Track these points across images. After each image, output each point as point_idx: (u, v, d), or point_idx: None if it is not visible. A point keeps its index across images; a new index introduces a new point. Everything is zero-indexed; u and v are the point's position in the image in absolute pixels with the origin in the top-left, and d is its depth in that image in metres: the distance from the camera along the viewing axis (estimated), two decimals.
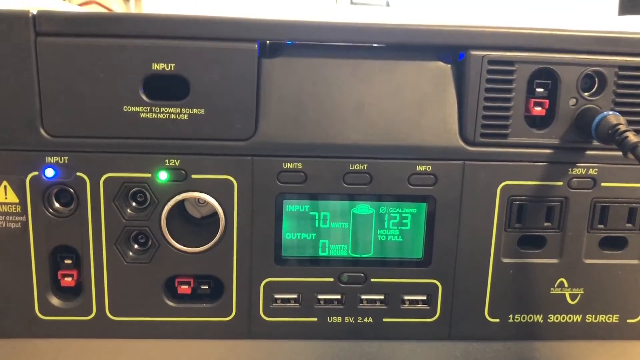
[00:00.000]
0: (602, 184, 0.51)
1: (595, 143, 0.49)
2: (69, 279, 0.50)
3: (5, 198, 0.48)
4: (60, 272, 0.50)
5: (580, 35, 0.48)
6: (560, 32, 0.48)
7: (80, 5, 0.83)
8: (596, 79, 0.49)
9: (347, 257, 0.51)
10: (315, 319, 0.52)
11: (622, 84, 0.48)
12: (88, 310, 0.50)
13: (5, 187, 0.47)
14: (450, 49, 0.49)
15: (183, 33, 0.46)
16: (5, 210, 0.48)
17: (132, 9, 0.92)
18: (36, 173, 0.47)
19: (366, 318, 0.52)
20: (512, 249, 0.52)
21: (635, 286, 0.53)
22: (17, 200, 0.48)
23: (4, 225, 0.48)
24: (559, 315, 0.53)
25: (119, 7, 0.90)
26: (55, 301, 0.50)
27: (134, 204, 0.49)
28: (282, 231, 0.50)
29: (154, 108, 0.47)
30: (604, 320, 0.54)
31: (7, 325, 0.50)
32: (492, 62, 0.48)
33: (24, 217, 0.48)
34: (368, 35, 0.48)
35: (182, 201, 0.49)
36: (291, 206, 0.50)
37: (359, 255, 0.51)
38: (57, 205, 0.49)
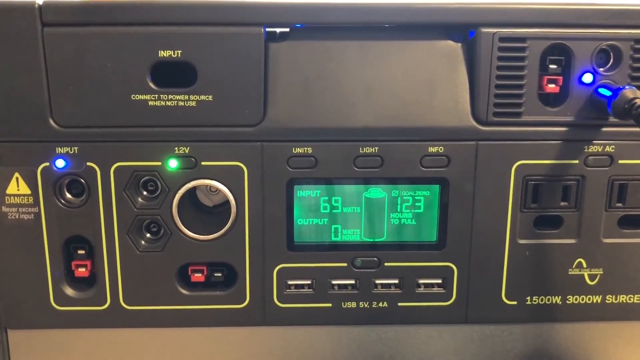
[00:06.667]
0: (620, 161, 0.49)
1: (612, 119, 0.48)
2: (83, 269, 0.50)
3: (18, 190, 0.48)
4: (73, 263, 0.50)
5: (594, 9, 0.47)
6: (572, 6, 0.47)
7: None
8: (611, 54, 0.48)
9: (360, 241, 0.51)
10: (330, 305, 0.51)
11: (639, 58, 0.47)
12: (102, 300, 0.50)
13: (17, 178, 0.48)
14: (460, 27, 0.48)
15: (189, 19, 0.45)
16: (18, 201, 0.48)
17: None
18: (47, 164, 0.47)
19: (381, 303, 0.52)
20: (528, 230, 0.51)
21: None
22: (29, 192, 0.48)
23: (17, 217, 0.48)
24: (577, 297, 0.52)
25: None
26: (69, 291, 0.50)
27: (145, 192, 0.49)
28: (293, 217, 0.50)
29: (162, 96, 0.46)
30: (624, 301, 0.53)
31: (23, 317, 0.51)
32: (503, 39, 0.47)
33: (36, 208, 0.48)
34: (376, 16, 0.47)
35: (193, 189, 0.49)
36: (302, 191, 0.50)
37: (372, 240, 0.51)
38: (68, 195, 0.49)
